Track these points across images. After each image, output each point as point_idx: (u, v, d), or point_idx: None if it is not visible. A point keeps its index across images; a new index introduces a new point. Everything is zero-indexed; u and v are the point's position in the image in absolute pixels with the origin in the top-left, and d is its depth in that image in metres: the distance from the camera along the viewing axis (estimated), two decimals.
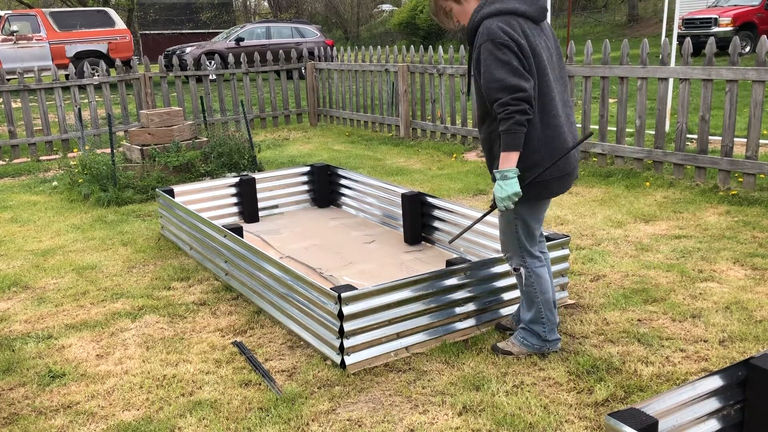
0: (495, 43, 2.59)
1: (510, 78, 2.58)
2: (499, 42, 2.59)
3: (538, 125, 2.72)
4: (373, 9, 43.95)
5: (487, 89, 2.65)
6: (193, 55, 18.30)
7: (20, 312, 3.99)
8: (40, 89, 8.91)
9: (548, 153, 2.76)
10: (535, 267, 3.04)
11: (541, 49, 2.71)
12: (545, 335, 3.11)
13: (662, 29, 7.91)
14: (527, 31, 2.66)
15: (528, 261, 3.03)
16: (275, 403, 2.85)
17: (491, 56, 2.61)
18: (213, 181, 5.62)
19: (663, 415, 1.94)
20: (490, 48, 2.60)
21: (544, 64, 2.71)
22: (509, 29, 2.61)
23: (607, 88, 6.74)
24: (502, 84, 2.60)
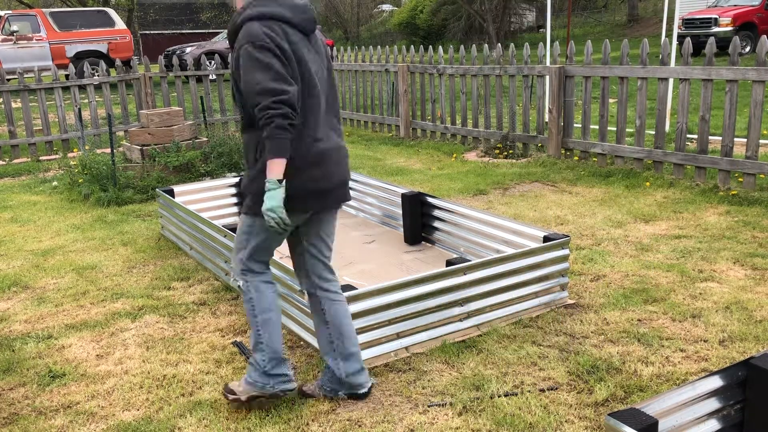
0: (255, 46, 2.46)
1: (271, 82, 2.43)
2: (259, 44, 2.46)
3: (297, 135, 2.56)
4: (373, 9, 43.95)
5: (247, 93, 2.50)
6: (193, 55, 18.31)
7: (20, 312, 3.99)
8: (40, 89, 8.91)
9: (300, 163, 2.57)
10: (257, 280, 2.72)
11: (308, 60, 2.58)
12: (265, 367, 2.68)
13: (662, 29, 7.91)
14: (291, 38, 2.53)
15: (249, 274, 2.72)
16: (275, 403, 2.85)
17: (251, 59, 2.46)
18: (213, 181, 5.62)
19: (663, 415, 1.95)
20: (250, 50, 2.47)
21: (310, 74, 2.58)
22: (271, 32, 2.48)
23: (607, 88, 6.74)
24: (262, 87, 2.44)
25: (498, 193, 6.22)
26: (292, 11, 2.56)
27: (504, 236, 4.08)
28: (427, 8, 32.21)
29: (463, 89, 8.36)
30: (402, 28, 33.99)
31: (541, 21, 32.76)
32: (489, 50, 8.22)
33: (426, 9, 32.24)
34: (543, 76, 7.46)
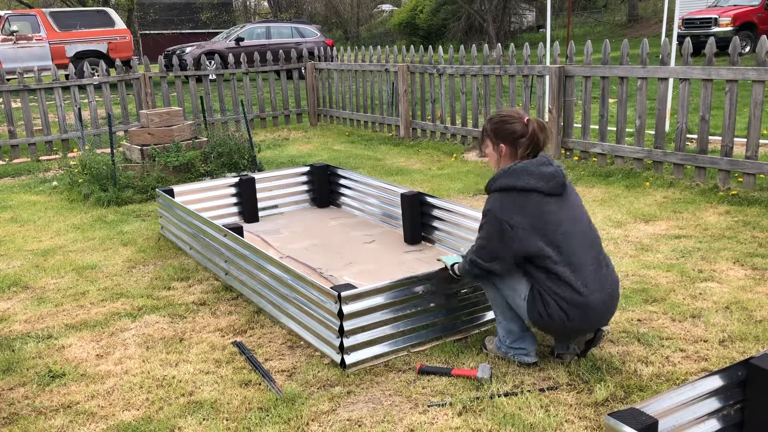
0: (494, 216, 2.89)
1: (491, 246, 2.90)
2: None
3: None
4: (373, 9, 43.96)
5: (474, 245, 2.98)
6: (193, 55, 18.31)
7: (20, 312, 3.99)
8: (40, 89, 8.91)
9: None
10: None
11: (559, 218, 2.86)
12: (505, 340, 3.17)
13: (662, 29, 7.91)
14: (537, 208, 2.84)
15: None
16: (275, 403, 2.85)
17: (486, 225, 2.91)
18: (213, 181, 5.62)
19: (663, 415, 1.95)
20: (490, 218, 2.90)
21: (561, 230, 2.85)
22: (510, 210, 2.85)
23: (607, 88, 6.74)
24: (481, 248, 2.93)
25: None
26: (543, 180, 2.86)
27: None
28: (427, 8, 32.22)
29: (463, 89, 8.36)
30: (402, 28, 34.00)
31: (541, 21, 32.76)
32: (489, 50, 8.22)
33: (426, 9, 32.25)
34: (543, 76, 7.45)
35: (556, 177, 2.87)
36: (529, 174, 2.85)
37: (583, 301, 2.82)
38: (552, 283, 2.83)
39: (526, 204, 2.83)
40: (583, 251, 2.86)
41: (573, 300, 2.81)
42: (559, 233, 2.83)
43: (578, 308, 2.82)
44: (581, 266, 2.83)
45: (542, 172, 2.86)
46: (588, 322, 2.87)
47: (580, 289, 2.81)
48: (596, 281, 2.85)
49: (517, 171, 2.87)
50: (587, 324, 2.88)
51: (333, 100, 10.85)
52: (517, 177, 2.86)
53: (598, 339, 3.02)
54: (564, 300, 2.81)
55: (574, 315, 2.82)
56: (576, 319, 2.83)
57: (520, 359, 3.05)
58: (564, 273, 2.81)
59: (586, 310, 2.83)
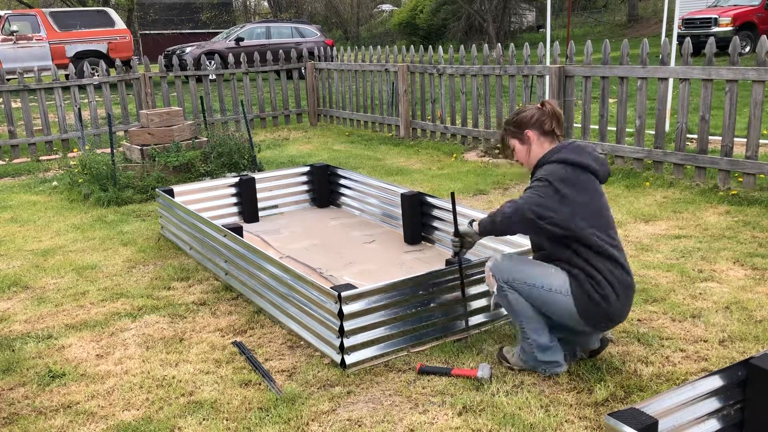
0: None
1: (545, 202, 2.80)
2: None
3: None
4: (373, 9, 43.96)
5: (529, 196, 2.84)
6: (193, 55, 18.30)
7: (20, 312, 3.99)
8: (40, 89, 8.91)
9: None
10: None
11: (605, 202, 2.90)
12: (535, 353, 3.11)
13: (662, 29, 7.90)
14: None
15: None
16: (275, 403, 2.85)
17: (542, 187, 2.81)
18: (213, 181, 5.62)
19: (663, 415, 1.95)
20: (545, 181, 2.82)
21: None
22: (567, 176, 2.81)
23: (607, 88, 6.74)
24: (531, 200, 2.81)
25: (498, 193, 6.22)
26: (598, 162, 2.87)
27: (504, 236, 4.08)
28: (427, 8, 32.22)
29: (463, 89, 8.35)
30: (402, 28, 34.00)
31: (541, 21, 32.76)
32: (489, 50, 8.22)
33: (426, 9, 32.25)
34: (543, 76, 7.45)
35: (605, 164, 2.91)
36: (589, 154, 2.85)
37: (630, 282, 2.84)
38: (601, 262, 2.78)
39: (585, 181, 2.82)
40: (618, 238, 2.90)
41: (623, 279, 2.81)
42: (608, 216, 2.87)
43: (625, 288, 2.82)
44: (622, 249, 2.87)
45: (598, 155, 2.89)
46: (628, 305, 2.87)
47: (627, 269, 2.85)
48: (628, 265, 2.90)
49: (580, 147, 2.87)
50: (627, 307, 2.87)
51: (333, 100, 10.85)
52: (579, 152, 2.84)
53: (603, 348, 3.02)
54: (616, 278, 2.79)
55: (623, 295, 2.81)
56: (623, 299, 2.82)
57: (552, 371, 2.96)
58: (615, 253, 2.80)
59: (629, 292, 2.85)
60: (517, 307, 2.93)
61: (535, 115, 2.95)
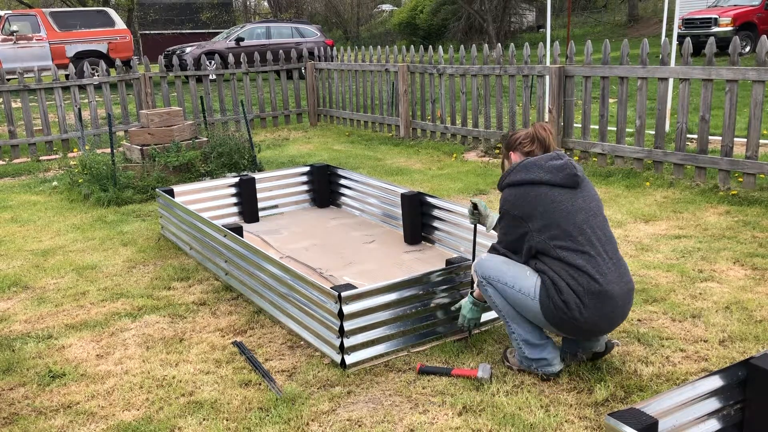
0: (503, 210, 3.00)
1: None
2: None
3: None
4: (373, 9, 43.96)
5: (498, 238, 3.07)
6: (193, 55, 18.30)
7: (20, 312, 3.99)
8: (40, 89, 8.91)
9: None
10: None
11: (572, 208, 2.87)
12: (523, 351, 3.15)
13: (662, 29, 7.90)
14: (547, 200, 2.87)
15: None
16: (275, 403, 2.85)
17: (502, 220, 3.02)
18: (213, 181, 5.62)
19: (663, 415, 1.95)
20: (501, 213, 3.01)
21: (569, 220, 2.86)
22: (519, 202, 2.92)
23: (607, 88, 6.74)
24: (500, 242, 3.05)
25: (498, 193, 6.22)
26: (551, 172, 2.91)
27: None
28: (427, 8, 32.21)
29: (463, 89, 8.35)
30: (402, 28, 33.99)
31: (541, 21, 32.76)
32: (489, 50, 8.22)
33: (426, 9, 32.24)
34: (543, 76, 7.45)
35: (565, 168, 2.88)
36: (539, 167, 2.90)
37: (600, 290, 2.75)
38: (563, 269, 2.78)
39: (537, 196, 2.86)
40: (600, 243, 2.82)
41: (589, 287, 2.75)
42: (573, 223, 2.81)
43: (594, 296, 2.74)
44: (597, 256, 2.79)
45: (551, 164, 2.89)
46: (605, 315, 2.77)
47: (596, 277, 2.76)
48: (614, 273, 2.80)
49: (527, 165, 2.93)
50: (604, 317, 2.78)
51: (333, 100, 10.85)
52: (527, 171, 2.91)
53: (608, 351, 3.00)
54: (580, 285, 2.75)
55: (591, 304, 2.74)
56: (592, 308, 2.74)
57: (545, 370, 2.94)
58: (578, 261, 2.77)
59: (603, 300, 2.75)
60: (498, 304, 2.98)
61: (520, 137, 3.09)
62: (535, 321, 2.91)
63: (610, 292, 2.76)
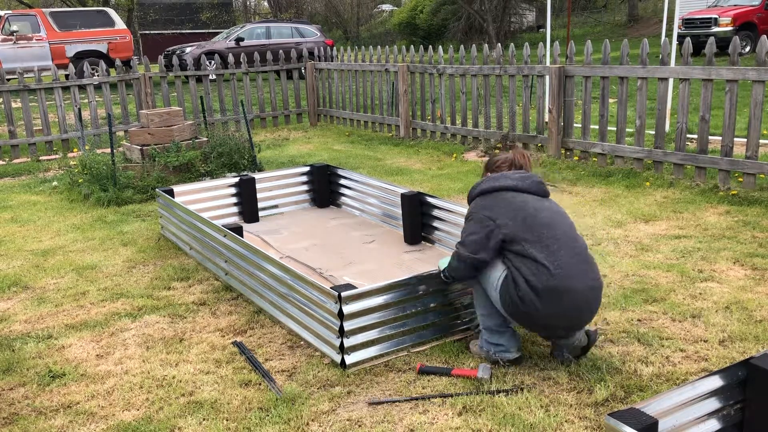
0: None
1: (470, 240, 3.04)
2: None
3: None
4: (373, 9, 43.96)
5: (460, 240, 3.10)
6: (193, 55, 18.30)
7: (20, 312, 3.99)
8: (40, 89, 8.91)
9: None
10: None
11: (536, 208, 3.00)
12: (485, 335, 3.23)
13: (662, 29, 7.90)
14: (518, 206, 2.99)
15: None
16: (275, 403, 2.85)
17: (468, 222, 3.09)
18: (213, 181, 5.62)
19: (663, 415, 1.95)
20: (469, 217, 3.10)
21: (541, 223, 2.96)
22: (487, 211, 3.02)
23: (607, 88, 6.74)
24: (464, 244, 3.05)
25: None
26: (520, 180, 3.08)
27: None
28: (427, 8, 32.21)
29: (463, 89, 8.35)
30: (402, 28, 33.99)
31: (541, 21, 32.76)
32: (489, 50, 8.22)
33: (426, 9, 32.24)
34: (543, 76, 7.45)
35: (531, 177, 3.09)
36: (506, 177, 3.10)
37: (556, 284, 2.80)
38: (523, 264, 2.87)
39: (504, 199, 3.02)
40: (563, 241, 2.91)
41: (546, 282, 2.81)
42: (538, 221, 2.93)
43: (550, 291, 2.80)
44: (558, 251, 2.87)
45: (518, 174, 3.11)
46: (563, 310, 2.83)
47: (554, 271, 2.82)
48: (576, 269, 2.85)
49: (495, 176, 3.13)
50: (563, 313, 2.83)
51: (333, 100, 10.85)
52: (495, 180, 3.10)
53: (591, 343, 3.02)
54: (538, 281, 2.81)
55: (547, 298, 2.80)
56: (548, 302, 2.80)
57: (501, 356, 3.06)
58: (536, 255, 2.86)
59: (560, 295, 2.80)
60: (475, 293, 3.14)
61: (499, 161, 3.24)
62: (499, 310, 3.02)
63: (569, 287, 2.82)
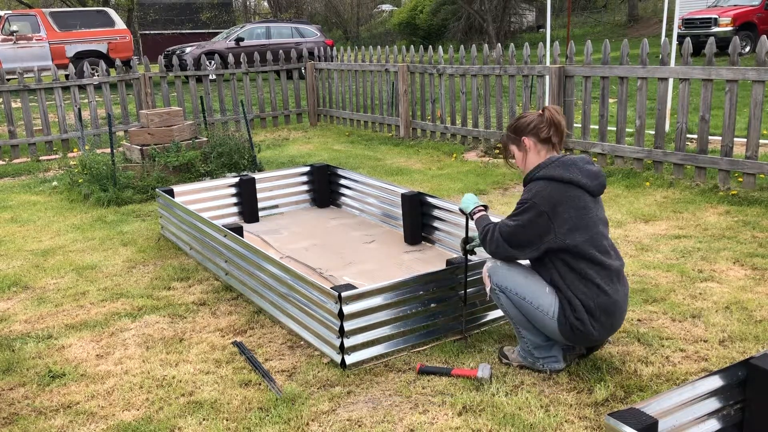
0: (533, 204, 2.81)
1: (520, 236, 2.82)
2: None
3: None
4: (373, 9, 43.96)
5: (505, 223, 2.87)
6: (193, 55, 18.30)
7: (20, 312, 3.99)
8: (40, 89, 8.91)
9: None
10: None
11: (596, 218, 2.84)
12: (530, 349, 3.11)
13: (662, 29, 7.90)
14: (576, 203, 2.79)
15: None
16: (275, 403, 2.85)
17: (525, 212, 2.81)
18: (213, 181, 5.62)
19: (663, 415, 1.95)
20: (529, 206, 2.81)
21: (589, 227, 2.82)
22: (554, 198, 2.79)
23: (607, 88, 6.74)
24: (512, 233, 2.83)
25: (498, 193, 6.22)
26: (589, 177, 2.83)
27: None
28: (427, 8, 32.21)
29: (463, 89, 8.35)
30: (402, 28, 33.99)
31: (541, 21, 32.75)
32: (489, 50, 8.22)
33: (426, 9, 32.24)
34: (543, 76, 7.45)
35: (599, 177, 2.86)
36: (578, 168, 2.82)
37: (608, 302, 2.79)
38: (578, 281, 2.78)
39: (572, 197, 2.78)
40: (611, 251, 2.87)
41: (599, 300, 2.78)
42: (596, 232, 2.80)
43: (604, 310, 2.79)
44: (609, 267, 2.81)
45: (589, 169, 2.84)
46: (613, 324, 2.84)
47: (605, 288, 2.78)
48: (620, 282, 2.85)
49: (567, 163, 2.83)
50: (612, 326, 2.85)
51: (333, 100, 10.85)
52: (566, 168, 2.81)
53: (601, 344, 3.02)
54: (590, 299, 2.77)
55: (602, 317, 2.79)
56: (603, 321, 2.80)
57: (551, 366, 2.98)
58: (593, 275, 2.77)
59: (612, 311, 2.81)
60: (509, 311, 2.97)
61: (534, 122, 2.94)
62: (547, 334, 2.93)
63: (617, 302, 2.82)
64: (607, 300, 2.79)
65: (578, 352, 3.04)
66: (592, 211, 2.81)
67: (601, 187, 2.86)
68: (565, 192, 2.78)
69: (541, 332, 2.94)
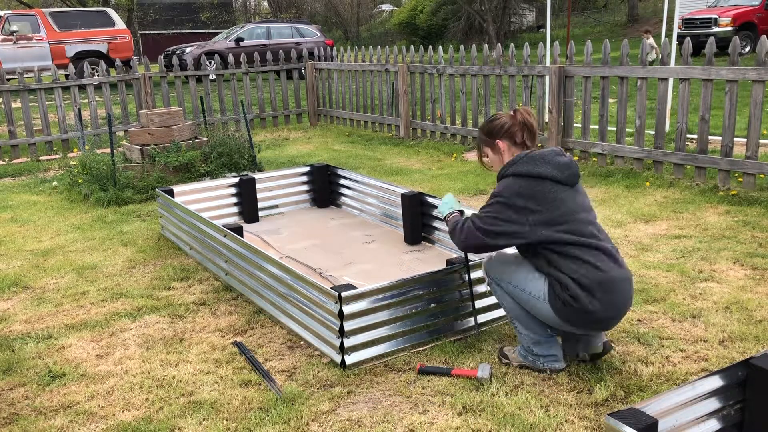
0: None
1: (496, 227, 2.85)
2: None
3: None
4: (373, 9, 43.97)
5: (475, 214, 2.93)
6: (193, 55, 18.30)
7: (20, 312, 3.99)
8: (40, 89, 8.91)
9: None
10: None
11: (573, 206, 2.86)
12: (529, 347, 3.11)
13: (662, 29, 7.91)
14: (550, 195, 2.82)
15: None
16: (275, 403, 2.85)
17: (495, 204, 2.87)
18: (213, 181, 5.62)
19: (663, 415, 1.95)
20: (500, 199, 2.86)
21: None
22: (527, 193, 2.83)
23: (607, 88, 6.74)
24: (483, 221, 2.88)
25: None
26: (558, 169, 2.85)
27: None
28: (427, 8, 32.22)
29: (463, 89, 8.35)
30: (402, 28, 34.01)
31: (541, 21, 32.76)
32: (489, 50, 8.22)
33: (426, 9, 32.25)
34: (543, 76, 7.45)
35: (571, 167, 2.88)
36: (546, 162, 2.85)
37: (604, 277, 2.76)
38: (568, 263, 2.78)
39: (541, 191, 2.81)
40: (598, 234, 2.86)
41: (593, 276, 2.76)
42: (574, 219, 2.82)
43: (601, 285, 2.75)
44: (598, 248, 2.81)
45: (558, 161, 2.87)
46: (613, 302, 2.78)
47: (598, 264, 2.77)
48: (615, 262, 2.83)
49: (535, 158, 2.87)
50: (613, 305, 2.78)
51: (333, 100, 10.85)
52: (534, 163, 2.85)
53: (606, 352, 3.00)
54: (584, 277, 2.75)
55: (599, 292, 2.75)
56: (601, 296, 2.75)
57: (551, 366, 2.98)
58: (582, 254, 2.77)
59: (610, 287, 2.77)
60: (506, 304, 3.01)
61: (507, 123, 2.99)
62: (546, 320, 2.92)
63: (615, 278, 2.80)
64: (603, 275, 2.76)
65: (582, 357, 3.03)
66: (567, 201, 2.84)
67: (574, 177, 2.88)
68: (534, 186, 2.82)
69: (539, 327, 2.96)
